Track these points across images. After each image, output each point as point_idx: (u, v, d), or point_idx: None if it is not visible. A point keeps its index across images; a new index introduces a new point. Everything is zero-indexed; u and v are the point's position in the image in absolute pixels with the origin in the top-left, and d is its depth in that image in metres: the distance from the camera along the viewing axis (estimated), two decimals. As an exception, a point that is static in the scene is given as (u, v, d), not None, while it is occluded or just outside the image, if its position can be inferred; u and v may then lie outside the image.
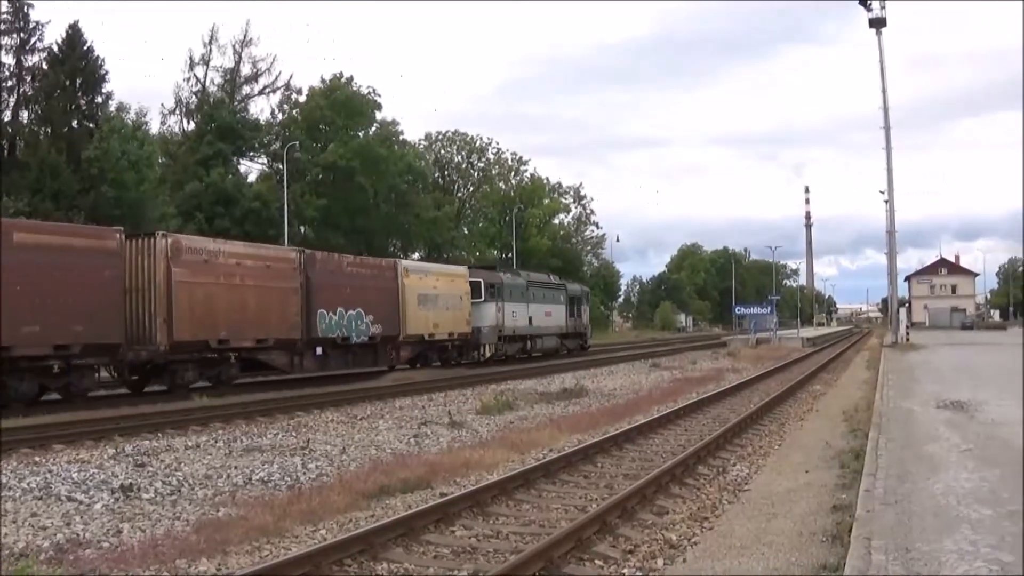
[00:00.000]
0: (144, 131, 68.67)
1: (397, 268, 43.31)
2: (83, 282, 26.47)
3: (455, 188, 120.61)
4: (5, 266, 24.15)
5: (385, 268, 42.98)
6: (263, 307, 33.41)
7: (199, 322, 30.42)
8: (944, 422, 19.15)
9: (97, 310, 26.95)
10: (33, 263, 25.03)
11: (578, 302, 65.58)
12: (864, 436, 17.63)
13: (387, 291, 41.24)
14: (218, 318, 31.33)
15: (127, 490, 14.39)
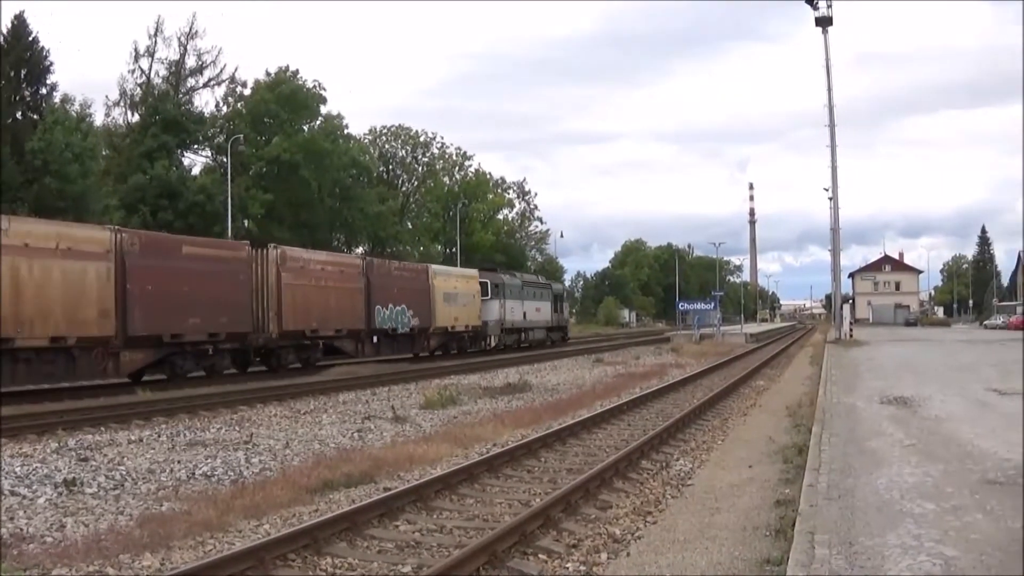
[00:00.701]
0: (88, 123, 68.09)
1: (428, 271, 52.55)
2: (227, 284, 34.43)
3: (399, 183, 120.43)
4: (178, 271, 31.97)
5: (420, 272, 52.27)
6: (340, 304, 41.81)
7: (299, 316, 38.47)
8: (887, 418, 19.29)
9: (235, 306, 34.94)
10: (195, 270, 32.73)
11: (560, 299, 76.39)
12: (807, 431, 17.73)
13: (422, 291, 50.12)
14: (311, 313, 39.40)
15: (70, 484, 14.19)
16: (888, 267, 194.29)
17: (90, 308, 28.40)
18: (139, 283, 30.16)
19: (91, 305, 28.42)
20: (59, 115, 62.67)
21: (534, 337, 67.14)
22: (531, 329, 66.67)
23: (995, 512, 10.18)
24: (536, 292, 69.02)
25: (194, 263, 32.93)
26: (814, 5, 69.87)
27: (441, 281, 52.47)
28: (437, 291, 51.35)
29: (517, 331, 64.22)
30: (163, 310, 31.09)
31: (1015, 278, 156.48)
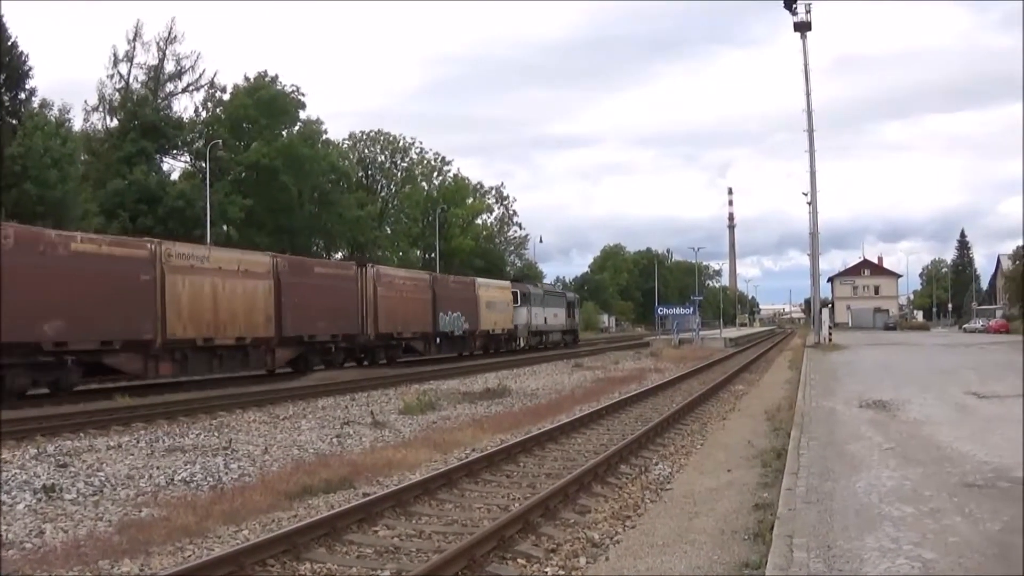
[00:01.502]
0: (67, 128, 67.76)
1: (475, 283, 63.73)
2: (343, 296, 44.03)
3: (378, 188, 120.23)
4: (312, 287, 41.13)
5: (469, 284, 63.14)
6: (415, 312, 51.53)
7: (389, 321, 48.25)
8: (866, 421, 19.32)
9: (348, 313, 44.43)
10: (323, 285, 42.22)
11: (573, 307, 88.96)
12: (786, 435, 17.75)
13: (471, 300, 60.23)
14: (396, 319, 49.24)
15: (49, 490, 14.17)
16: (867, 271, 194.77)
17: (260, 316, 37.38)
18: (289, 296, 39.10)
19: (260, 313, 37.41)
20: (38, 120, 62.30)
21: (552, 339, 78.30)
22: (550, 332, 78.08)
23: (974, 515, 10.19)
24: (554, 300, 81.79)
25: (322, 280, 42.66)
26: (793, 10, 70.08)
27: (484, 291, 63.10)
28: (482, 300, 61.78)
29: (540, 333, 75.10)
30: (303, 317, 40.26)
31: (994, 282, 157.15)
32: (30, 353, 27.72)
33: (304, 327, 40.35)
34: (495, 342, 64.61)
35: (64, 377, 29.32)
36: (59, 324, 28.19)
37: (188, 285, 33.46)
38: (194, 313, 33.64)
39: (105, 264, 30.23)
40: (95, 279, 29.42)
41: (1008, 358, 43.70)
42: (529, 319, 71.36)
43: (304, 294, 40.06)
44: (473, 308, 59.90)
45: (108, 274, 30.09)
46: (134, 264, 31.51)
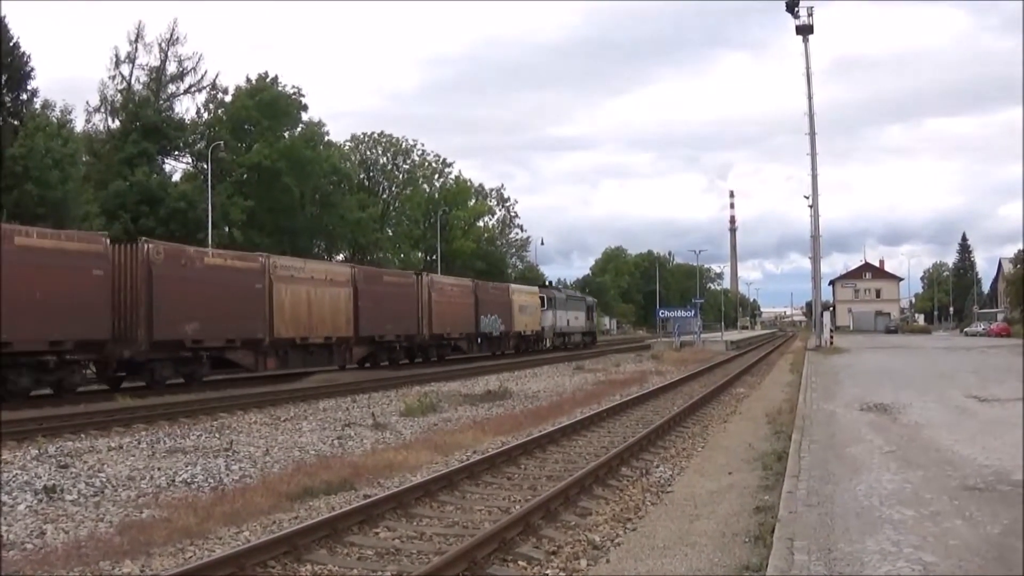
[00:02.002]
0: (68, 129, 67.64)
1: (509, 289, 70.10)
2: (405, 301, 50.25)
3: (380, 190, 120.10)
4: (382, 293, 47.60)
5: (504, 289, 69.08)
6: (461, 315, 57.94)
7: (440, 324, 54.33)
8: (867, 424, 19.34)
9: (409, 316, 50.88)
10: (389, 292, 48.53)
11: (591, 310, 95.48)
12: (787, 438, 17.76)
13: (506, 304, 66.47)
14: (447, 321, 55.45)
15: (50, 491, 14.18)
16: (869, 274, 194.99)
17: (342, 318, 43.43)
18: (364, 302, 45.14)
19: (342, 316, 43.46)
20: (40, 121, 62.19)
21: (574, 340, 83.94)
22: (572, 333, 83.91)
23: (974, 518, 10.21)
24: (575, 304, 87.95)
25: (388, 287, 49.16)
26: (795, 14, 70.08)
27: (517, 296, 69.50)
28: (515, 304, 68.08)
29: (563, 334, 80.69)
30: (375, 319, 46.28)
31: (995, 285, 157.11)
32: (175, 349, 33.25)
33: (375, 328, 46.65)
34: (526, 342, 70.97)
35: (198, 369, 34.99)
36: (196, 325, 33.70)
37: (289, 293, 39.40)
38: (293, 316, 39.64)
39: (229, 275, 36.07)
40: (222, 288, 35.13)
41: (1009, 362, 43.73)
42: (554, 321, 77.61)
43: (375, 299, 46.40)
44: (508, 311, 66.16)
45: (232, 284, 35.91)
46: (250, 275, 37.24)
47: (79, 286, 28.97)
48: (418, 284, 52.44)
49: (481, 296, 61.11)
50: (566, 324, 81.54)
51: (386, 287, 48.75)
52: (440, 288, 55.41)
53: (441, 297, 54.70)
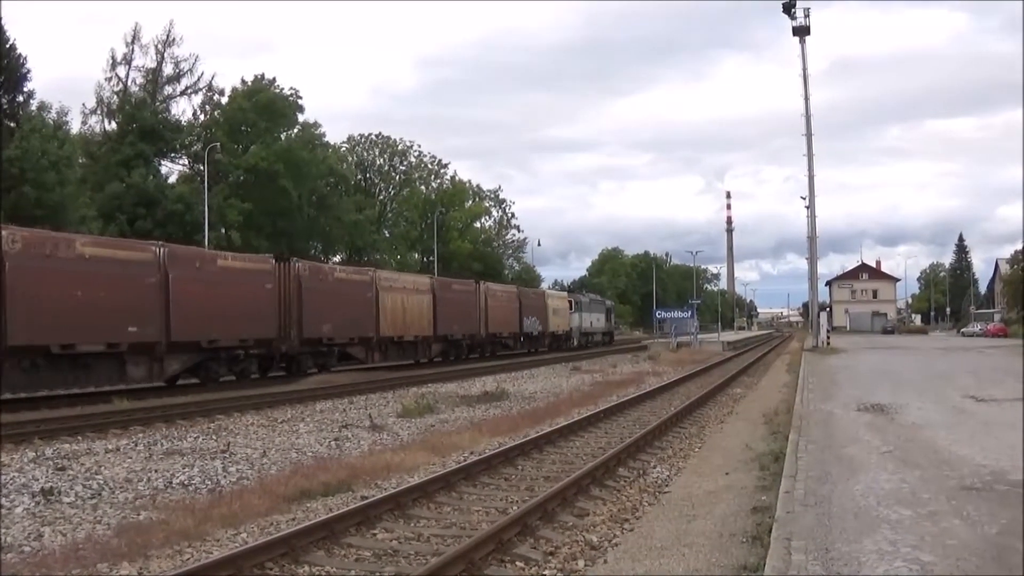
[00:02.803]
0: (65, 131, 67.60)
1: (545, 294, 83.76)
2: (468, 305, 59.16)
3: (377, 191, 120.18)
4: (452, 299, 56.42)
5: (541, 295, 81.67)
6: (509, 317, 66.89)
7: (494, 324, 63.29)
8: (864, 425, 19.34)
9: (471, 318, 59.53)
10: (457, 299, 57.28)
11: (610, 312, 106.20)
12: (784, 439, 17.74)
13: (542, 307, 75.96)
14: (498, 322, 64.31)
15: (48, 494, 14.16)
16: (865, 275, 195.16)
17: (425, 320, 52.25)
18: (441, 306, 54.08)
19: (425, 318, 52.26)
20: (36, 123, 62.14)
21: (596, 339, 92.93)
22: (594, 333, 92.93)
23: (972, 518, 10.21)
24: (597, 307, 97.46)
25: (457, 294, 57.93)
26: (792, 15, 70.10)
27: (550, 301, 79.85)
28: (549, 307, 77.45)
29: (587, 334, 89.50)
30: (448, 321, 55.14)
31: (992, 286, 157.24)
32: (316, 345, 42.18)
33: (448, 328, 55.36)
34: (557, 340, 79.06)
35: (329, 361, 43.88)
36: (329, 326, 42.59)
37: (390, 300, 48.14)
38: (393, 319, 48.40)
39: (350, 287, 45.09)
40: (346, 296, 43.91)
41: (1006, 362, 43.79)
42: (580, 322, 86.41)
43: (448, 305, 55.19)
44: (543, 314, 75.22)
45: (352, 293, 44.80)
46: (364, 286, 46.30)
47: (258, 297, 37.41)
48: (477, 291, 61.34)
49: (523, 301, 70.83)
50: (590, 325, 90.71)
51: (455, 294, 57.52)
52: (493, 294, 64.49)
53: (494, 302, 63.88)
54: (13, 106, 63.06)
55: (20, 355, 27.06)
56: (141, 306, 31.07)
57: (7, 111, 62.25)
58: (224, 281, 35.35)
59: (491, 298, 63.13)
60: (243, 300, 36.06)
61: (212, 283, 34.55)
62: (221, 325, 34.87)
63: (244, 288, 36.35)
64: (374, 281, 47.10)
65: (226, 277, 35.74)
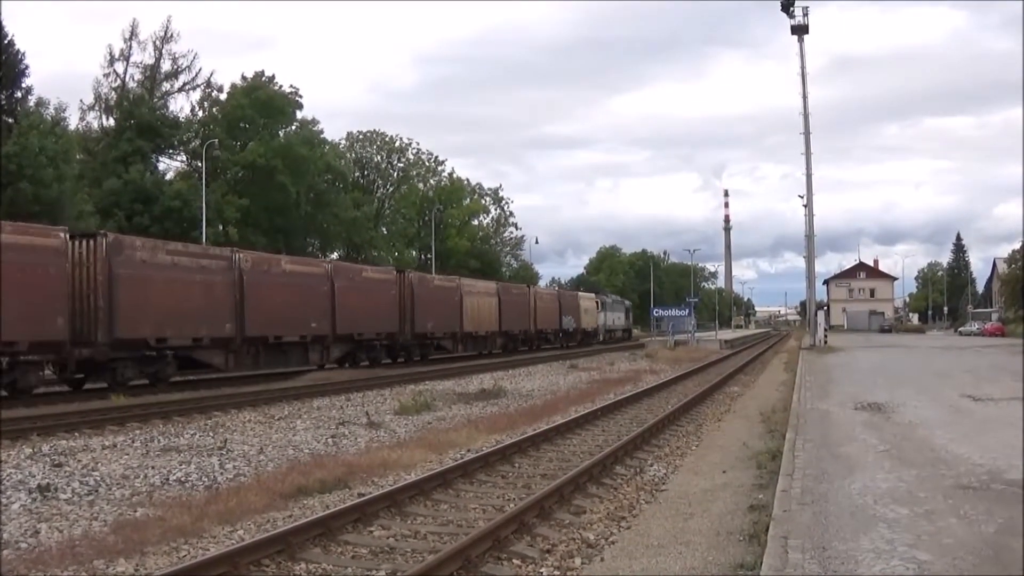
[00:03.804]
0: (63, 127, 67.52)
1: (578, 295, 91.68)
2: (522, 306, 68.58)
3: (374, 188, 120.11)
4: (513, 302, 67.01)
5: (574, 295, 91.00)
6: (551, 316, 76.53)
7: (540, 322, 72.18)
8: (861, 423, 19.36)
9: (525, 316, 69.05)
10: (515, 301, 66.49)
11: (628, 311, 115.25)
12: (781, 437, 17.76)
13: (576, 307, 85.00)
14: (543, 320, 73.49)
15: (44, 490, 14.12)
16: (863, 274, 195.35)
17: (492, 319, 62.47)
18: (504, 307, 64.57)
19: (493, 317, 62.48)
20: (34, 119, 62.00)
21: (617, 335, 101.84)
22: (616, 330, 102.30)
23: (968, 517, 10.22)
24: (618, 307, 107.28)
25: (515, 296, 68.74)
26: (790, 13, 70.22)
27: (582, 301, 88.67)
28: (581, 307, 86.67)
29: (610, 330, 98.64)
30: (509, 319, 65.44)
31: (990, 285, 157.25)
32: (422, 338, 52.86)
33: (509, 325, 65.78)
34: (588, 336, 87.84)
35: (428, 352, 54.80)
36: (432, 324, 53.53)
37: (469, 302, 58.75)
38: (472, 317, 59.11)
39: (444, 292, 56.01)
40: (442, 299, 55.08)
41: (1003, 361, 43.81)
42: (604, 320, 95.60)
43: (509, 306, 65.89)
44: (577, 313, 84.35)
45: (446, 297, 55.80)
46: (454, 291, 57.18)
47: (388, 301, 47.90)
48: (528, 294, 72.62)
49: (562, 302, 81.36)
50: (612, 322, 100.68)
51: (513, 296, 68.22)
52: (540, 296, 75.99)
53: (541, 303, 74.07)
54: (11, 102, 62.90)
55: (251, 343, 37.41)
56: (318, 308, 41.44)
57: (5, 107, 62.10)
58: (368, 289, 46.78)
59: (538, 300, 73.97)
60: (379, 303, 47.37)
61: (361, 290, 45.69)
62: (366, 322, 46.08)
63: (379, 294, 47.71)
64: (459, 287, 58.20)
65: (369, 285, 47.15)
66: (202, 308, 34.08)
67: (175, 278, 32.73)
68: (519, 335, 69.23)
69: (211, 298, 34.51)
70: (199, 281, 34.04)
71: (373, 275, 48.94)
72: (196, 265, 34.29)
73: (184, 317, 33.06)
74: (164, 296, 31.91)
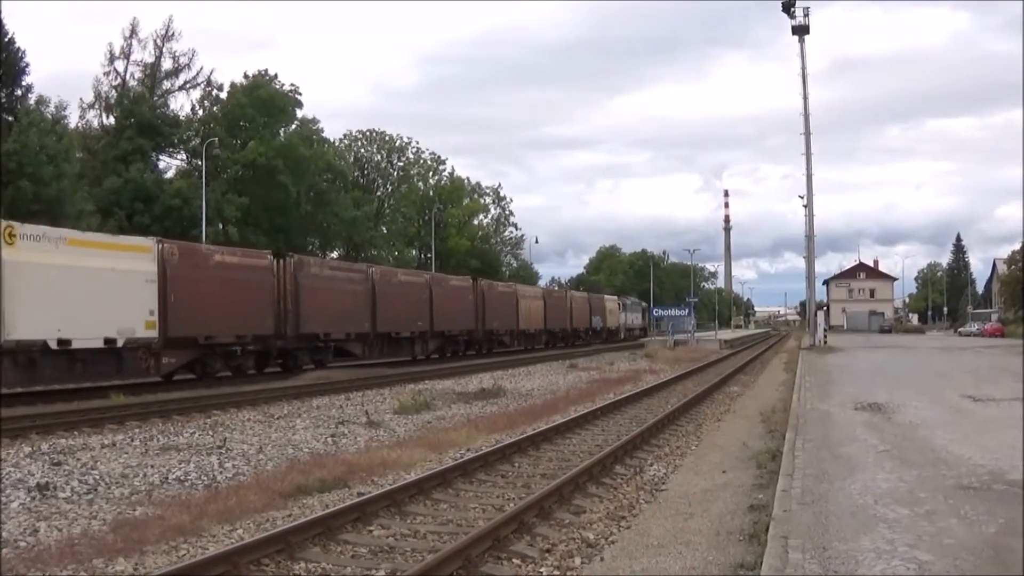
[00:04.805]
0: (63, 125, 67.48)
1: (604, 298, 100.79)
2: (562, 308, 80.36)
3: (375, 187, 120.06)
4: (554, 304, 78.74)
5: (601, 298, 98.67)
6: (583, 315, 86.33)
7: (576, 322, 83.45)
8: (862, 424, 19.35)
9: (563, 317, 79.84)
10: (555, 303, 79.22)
11: (645, 311, 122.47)
12: (781, 437, 17.75)
13: (603, 308, 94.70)
14: (578, 320, 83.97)
15: (44, 489, 14.10)
16: (863, 274, 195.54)
17: (539, 318, 72.49)
18: (548, 308, 75.05)
19: (539, 317, 72.65)
20: (34, 117, 61.94)
21: (634, 333, 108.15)
22: (634, 328, 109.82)
23: (969, 517, 10.20)
24: (636, 307, 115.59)
25: (556, 300, 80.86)
26: (791, 14, 70.20)
27: (607, 303, 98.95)
28: (607, 308, 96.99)
29: (630, 329, 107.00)
30: (551, 319, 75.86)
31: (990, 286, 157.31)
32: (490, 335, 62.65)
33: (551, 324, 76.20)
34: (611, 334, 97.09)
35: (493, 347, 64.29)
36: (498, 323, 63.52)
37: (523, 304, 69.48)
38: (525, 317, 69.27)
39: (505, 296, 67.12)
40: (503, 302, 65.48)
41: (1003, 362, 43.80)
42: (625, 320, 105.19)
43: (552, 307, 76.69)
44: (603, 313, 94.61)
45: (505, 300, 66.48)
46: (511, 295, 68.39)
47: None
48: (566, 297, 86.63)
49: (592, 304, 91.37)
50: (631, 322, 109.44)
51: (555, 299, 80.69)
52: (575, 299, 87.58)
53: (575, 305, 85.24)
54: (11, 100, 62.99)
55: (380, 337, 47.24)
56: (422, 311, 51.63)
57: (5, 105, 62.22)
58: (454, 295, 57.35)
59: (574, 302, 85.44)
60: (462, 306, 58.39)
61: (449, 296, 56.26)
62: (453, 321, 56.47)
63: (461, 298, 58.59)
64: (516, 292, 70.65)
65: (454, 292, 58.01)
66: (350, 310, 43.97)
67: (334, 288, 42.73)
68: (559, 332, 79.41)
69: (356, 303, 44.58)
70: (348, 290, 44.26)
71: (457, 283, 60.55)
72: (346, 277, 45.34)
73: (339, 317, 42.86)
74: (329, 301, 41.68)
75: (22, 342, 26.42)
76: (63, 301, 27.68)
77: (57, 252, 27.96)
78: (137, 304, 30.56)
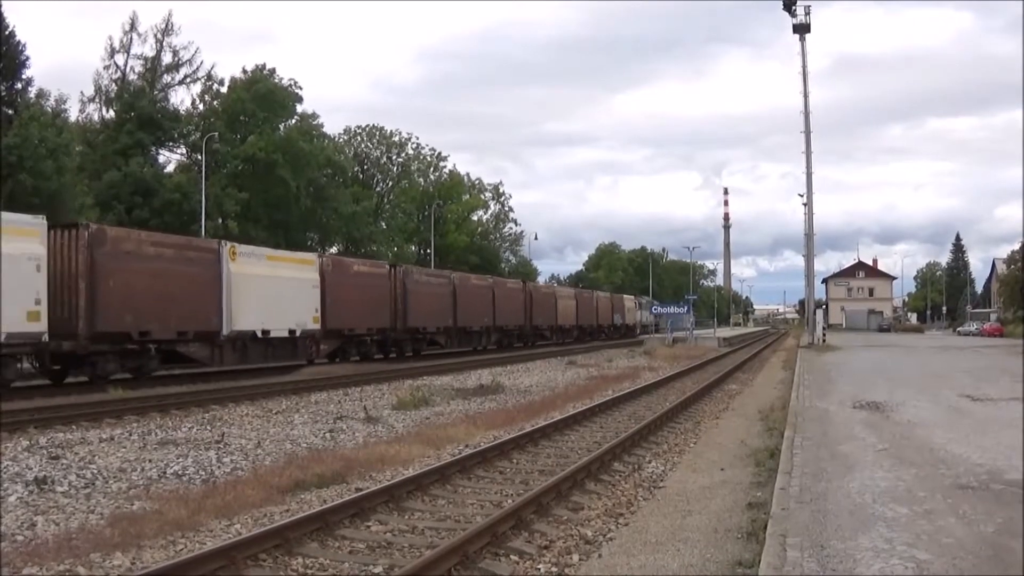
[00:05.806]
0: (63, 119, 67.39)
1: (623, 298, 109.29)
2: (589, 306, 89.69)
3: (374, 183, 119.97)
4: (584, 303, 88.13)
5: (620, 298, 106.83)
6: (608, 312, 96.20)
7: (601, 318, 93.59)
8: (860, 422, 19.34)
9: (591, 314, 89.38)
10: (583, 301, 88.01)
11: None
12: (780, 435, 17.74)
13: (623, 307, 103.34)
14: (602, 317, 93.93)
15: (41, 483, 14.08)
16: (862, 273, 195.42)
17: (572, 315, 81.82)
18: (579, 307, 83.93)
19: (572, 314, 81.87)
20: (34, 111, 61.85)
21: (648, 330, 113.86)
22: (648, 325, 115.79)
23: (967, 516, 10.20)
24: (648, 306, 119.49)
25: (584, 299, 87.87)
26: (792, 12, 70.19)
27: (626, 302, 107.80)
28: (626, 307, 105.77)
29: (644, 326, 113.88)
30: (584, 316, 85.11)
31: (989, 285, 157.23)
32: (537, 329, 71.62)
33: (582, 321, 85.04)
34: (629, 330, 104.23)
35: (536, 339, 72.46)
36: (541, 318, 71.38)
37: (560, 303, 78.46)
38: (562, 314, 78.75)
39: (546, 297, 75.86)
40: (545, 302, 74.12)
41: (1002, 361, 43.81)
42: (640, 318, 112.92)
43: (582, 306, 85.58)
44: (623, 311, 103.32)
45: (545, 299, 74.39)
46: (551, 296, 78.27)
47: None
48: (594, 297, 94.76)
49: (614, 303, 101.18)
50: (645, 319, 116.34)
51: (584, 299, 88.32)
52: (599, 299, 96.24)
53: (600, 304, 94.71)
54: (11, 93, 62.83)
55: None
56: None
57: (5, 98, 62.01)
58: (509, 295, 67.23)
59: (599, 302, 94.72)
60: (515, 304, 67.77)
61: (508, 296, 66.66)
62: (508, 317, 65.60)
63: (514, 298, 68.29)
64: (555, 293, 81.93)
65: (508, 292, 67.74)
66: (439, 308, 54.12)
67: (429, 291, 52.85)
68: (587, 328, 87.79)
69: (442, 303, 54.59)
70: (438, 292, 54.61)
71: (511, 286, 71.25)
72: (436, 282, 55.94)
73: (432, 314, 53.11)
74: (425, 301, 51.67)
75: (241, 332, 35.39)
76: (264, 302, 36.51)
77: (260, 265, 37.12)
78: (308, 304, 39.66)
